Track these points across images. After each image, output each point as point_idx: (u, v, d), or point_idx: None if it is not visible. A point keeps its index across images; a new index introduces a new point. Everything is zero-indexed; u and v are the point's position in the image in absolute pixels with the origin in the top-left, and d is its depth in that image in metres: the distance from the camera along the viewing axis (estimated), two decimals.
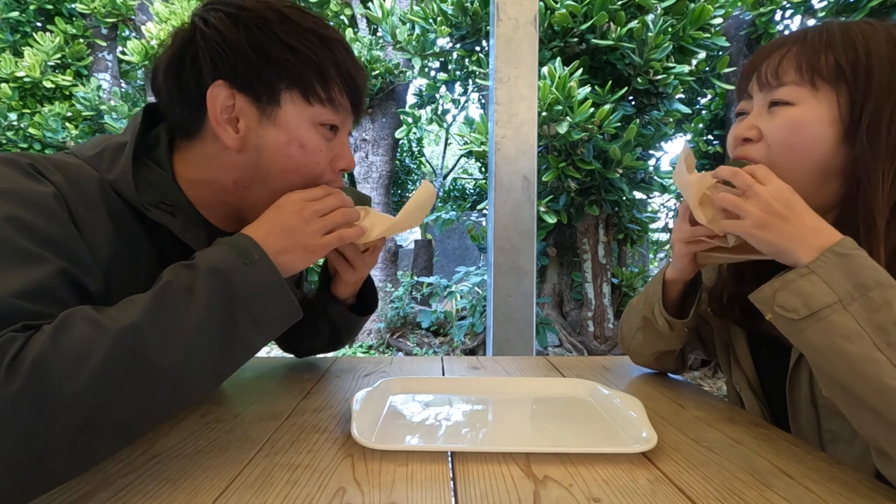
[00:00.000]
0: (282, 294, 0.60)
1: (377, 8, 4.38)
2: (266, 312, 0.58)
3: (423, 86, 4.72)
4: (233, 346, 0.56)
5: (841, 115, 0.67)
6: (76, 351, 0.45)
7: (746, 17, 4.48)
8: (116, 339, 0.47)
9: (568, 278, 4.37)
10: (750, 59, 0.77)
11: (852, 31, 0.68)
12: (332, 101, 0.68)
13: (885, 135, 0.65)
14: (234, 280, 0.56)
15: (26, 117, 5.51)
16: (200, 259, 0.57)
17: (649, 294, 0.90)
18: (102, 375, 0.46)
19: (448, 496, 0.51)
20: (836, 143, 0.67)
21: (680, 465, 0.58)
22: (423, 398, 0.82)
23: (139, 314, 0.50)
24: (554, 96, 3.13)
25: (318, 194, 0.68)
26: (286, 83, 0.65)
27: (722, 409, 0.78)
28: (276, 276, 0.60)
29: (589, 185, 3.55)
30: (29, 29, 6.15)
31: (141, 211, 0.63)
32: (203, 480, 0.54)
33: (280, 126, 0.66)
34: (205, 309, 0.53)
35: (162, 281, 0.54)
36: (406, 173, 9.58)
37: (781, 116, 0.70)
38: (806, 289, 0.59)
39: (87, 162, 0.63)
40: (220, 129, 0.65)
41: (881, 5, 3.38)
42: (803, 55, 0.69)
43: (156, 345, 0.49)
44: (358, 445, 0.61)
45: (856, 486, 0.54)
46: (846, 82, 0.67)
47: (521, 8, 1.97)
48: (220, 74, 0.64)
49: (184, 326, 0.51)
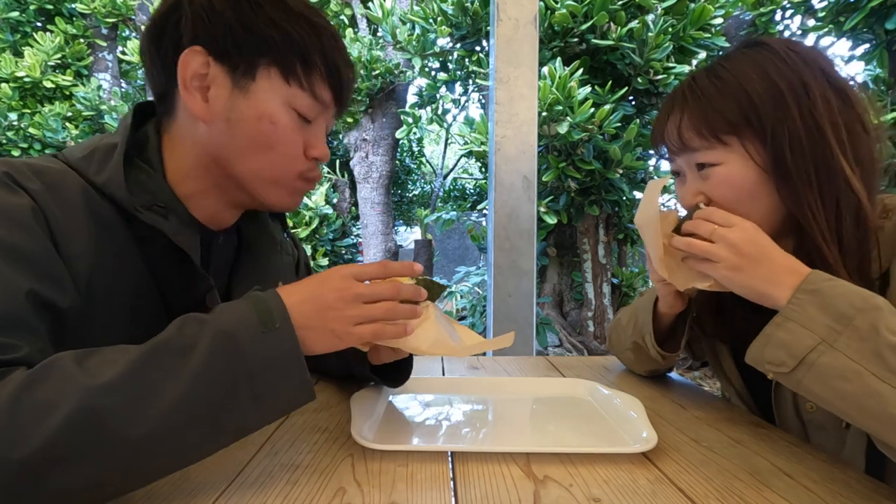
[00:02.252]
0: (296, 372, 0.52)
1: (377, 8, 4.38)
2: (272, 391, 0.51)
3: (424, 86, 4.72)
4: (221, 425, 0.49)
5: (755, 161, 0.67)
6: (36, 411, 0.42)
7: (747, 17, 4.48)
8: (81, 399, 0.43)
9: (568, 278, 4.37)
10: (652, 128, 0.77)
11: (724, 79, 0.68)
12: (311, 88, 0.65)
13: (793, 166, 0.65)
14: (245, 349, 0.50)
15: (26, 117, 5.51)
16: (214, 316, 0.52)
17: (639, 320, 0.88)
18: (57, 439, 0.41)
19: (448, 496, 0.51)
20: (767, 187, 0.67)
21: (680, 465, 0.58)
22: (423, 398, 0.82)
23: (117, 372, 0.45)
24: (554, 96, 3.13)
25: (373, 272, 0.60)
26: (266, 60, 0.63)
27: (722, 409, 0.78)
28: (296, 349, 0.52)
29: (589, 185, 3.55)
30: (29, 29, 6.16)
31: (129, 217, 0.60)
32: (203, 481, 0.53)
33: (251, 99, 0.63)
34: (198, 377, 0.47)
35: (162, 335, 0.49)
36: (406, 173, 9.57)
37: (714, 178, 0.70)
38: (785, 339, 0.57)
39: (75, 165, 0.61)
40: (188, 95, 0.62)
41: (881, 5, 3.38)
42: (695, 120, 0.69)
43: (124, 412, 0.44)
44: (358, 445, 0.61)
45: (856, 487, 0.54)
46: (743, 131, 0.67)
47: (522, 8, 1.97)
48: (199, 41, 0.62)
49: (166, 395, 0.46)
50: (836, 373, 0.53)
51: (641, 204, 0.73)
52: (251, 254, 0.77)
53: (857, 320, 0.53)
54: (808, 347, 0.55)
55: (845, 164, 0.64)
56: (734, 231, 0.63)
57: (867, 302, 0.54)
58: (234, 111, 0.63)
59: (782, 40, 0.70)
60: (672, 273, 0.72)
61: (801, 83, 0.65)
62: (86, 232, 0.57)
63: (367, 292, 0.58)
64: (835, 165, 0.64)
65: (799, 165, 0.65)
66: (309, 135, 0.68)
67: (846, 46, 4.21)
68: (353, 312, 0.57)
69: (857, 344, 0.53)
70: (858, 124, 0.66)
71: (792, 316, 0.57)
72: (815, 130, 0.65)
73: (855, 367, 0.52)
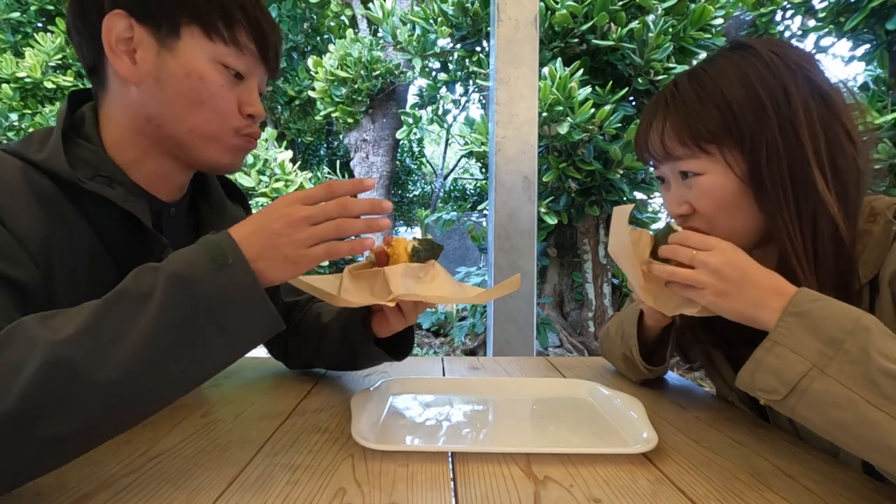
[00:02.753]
0: (257, 302, 0.53)
1: (378, 8, 4.39)
2: (237, 323, 0.52)
3: (424, 86, 4.72)
4: (196, 359, 0.51)
5: (735, 172, 0.66)
6: (5, 370, 0.44)
7: (747, 17, 4.48)
8: (47, 353, 0.44)
9: (568, 279, 4.37)
10: (635, 136, 0.76)
11: (706, 85, 0.67)
12: (235, 42, 0.67)
13: (768, 179, 0.64)
14: (199, 287, 0.50)
15: (27, 118, 5.51)
16: (167, 262, 0.52)
17: (626, 333, 0.88)
18: (30, 392, 0.43)
19: (448, 497, 0.50)
20: (748, 197, 0.66)
21: (680, 466, 0.58)
22: (423, 398, 0.82)
23: (79, 325, 0.47)
24: (554, 97, 3.13)
25: (318, 195, 0.59)
26: (187, 17, 0.65)
27: (722, 410, 0.78)
28: (252, 281, 0.53)
29: (589, 185, 3.55)
30: (30, 29, 6.16)
31: (74, 190, 0.62)
32: (203, 480, 0.53)
33: (178, 57, 0.65)
34: (158, 320, 0.48)
35: (119, 286, 0.51)
36: (407, 173, 9.57)
37: (697, 188, 0.69)
38: (776, 364, 0.54)
39: (10, 151, 0.62)
40: (115, 58, 0.64)
41: (881, 5, 3.38)
42: (678, 127, 0.69)
43: (91, 359, 0.46)
44: (358, 446, 0.61)
45: (856, 487, 0.54)
46: (724, 140, 0.66)
47: (522, 8, 1.97)
48: (120, 4, 0.64)
49: (129, 339, 0.47)
50: (830, 400, 0.51)
51: (612, 233, 0.71)
52: (207, 231, 0.78)
53: (847, 343, 0.51)
54: (799, 374, 0.53)
55: (819, 178, 0.63)
56: (714, 255, 0.62)
57: (856, 323, 0.52)
58: (162, 70, 0.65)
59: (767, 42, 0.68)
60: (658, 300, 0.71)
61: (782, 90, 0.64)
62: (30, 209, 0.58)
63: (314, 213, 0.57)
64: (811, 179, 0.63)
65: (775, 177, 0.64)
66: (241, 92, 0.70)
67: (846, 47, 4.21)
68: (302, 236, 0.57)
69: (849, 369, 0.51)
70: (843, 133, 0.64)
71: (781, 340, 0.55)
72: (794, 142, 0.63)
73: (848, 394, 0.50)
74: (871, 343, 0.51)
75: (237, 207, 0.86)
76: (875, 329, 0.52)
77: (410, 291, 0.67)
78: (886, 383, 0.49)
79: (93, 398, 0.46)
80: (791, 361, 0.53)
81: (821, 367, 0.52)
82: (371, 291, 0.69)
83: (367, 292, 0.69)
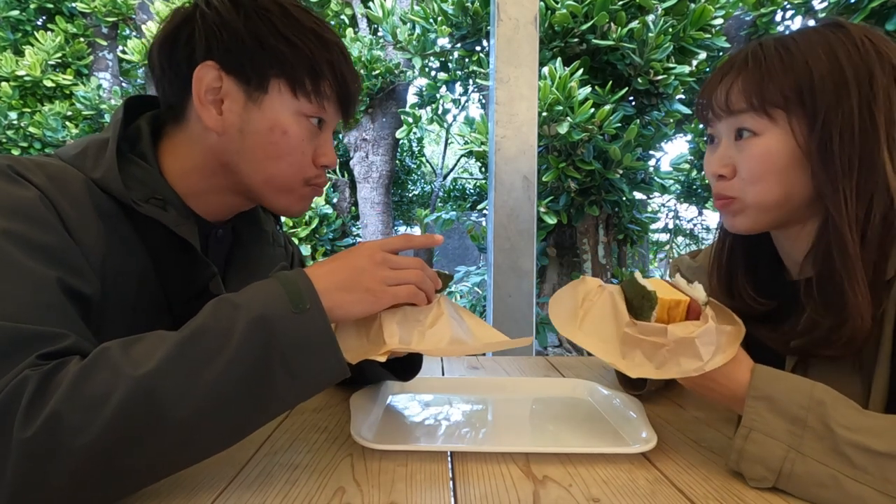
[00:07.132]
0: (329, 351, 0.54)
1: (378, 8, 4.38)
2: (308, 368, 0.53)
3: (424, 86, 4.71)
4: (264, 403, 0.52)
5: (797, 140, 0.66)
6: (92, 401, 0.45)
7: (747, 17, 4.48)
8: (132, 387, 0.45)
9: (568, 278, 4.37)
10: (701, 88, 0.76)
11: (792, 52, 0.67)
12: (318, 95, 0.67)
13: (838, 153, 0.64)
14: (278, 331, 0.51)
15: (27, 116, 5.50)
16: (247, 299, 0.53)
17: None
18: (114, 425, 0.45)
19: (448, 496, 0.51)
20: (801, 168, 0.67)
21: (679, 466, 0.58)
22: (422, 398, 0.82)
23: (161, 359, 0.47)
24: (554, 96, 3.13)
25: (397, 244, 0.63)
26: (276, 72, 0.65)
27: (722, 410, 0.78)
28: (327, 329, 0.54)
29: (589, 185, 3.55)
30: (29, 28, 6.15)
31: (129, 208, 0.61)
32: (203, 480, 0.54)
33: (264, 111, 0.65)
34: (237, 361, 0.49)
35: (198, 321, 0.51)
36: (406, 173, 9.56)
37: (749, 149, 0.69)
38: (756, 453, 0.54)
39: (71, 162, 0.62)
40: (203, 108, 0.64)
41: (882, 6, 3.38)
42: (749, 86, 0.68)
43: (173, 396, 0.47)
44: (358, 445, 0.61)
45: None
46: (794, 108, 0.66)
47: (522, 8, 1.97)
48: (212, 55, 0.63)
49: (209, 377, 0.48)
50: (814, 480, 0.51)
51: (556, 307, 0.68)
52: (243, 245, 0.79)
53: (810, 420, 0.52)
54: (780, 458, 0.53)
55: (888, 163, 0.64)
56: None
57: (811, 398, 0.53)
58: (247, 123, 0.65)
59: (861, 27, 0.69)
60: (640, 366, 0.60)
61: (867, 73, 0.65)
62: (93, 223, 0.58)
63: (395, 259, 0.62)
64: (878, 161, 0.64)
65: (844, 153, 0.64)
66: (318, 142, 0.70)
67: None
68: (385, 273, 0.60)
69: (819, 445, 0.52)
70: None
71: (753, 426, 0.55)
72: (869, 123, 0.64)
73: (828, 472, 0.51)
74: (829, 417, 0.52)
75: (267, 217, 0.85)
76: (829, 401, 0.53)
77: (404, 343, 0.62)
78: (857, 456, 0.50)
79: (166, 432, 0.47)
80: (770, 447, 0.54)
81: (796, 448, 0.52)
82: (367, 337, 0.65)
83: (364, 339, 0.65)
